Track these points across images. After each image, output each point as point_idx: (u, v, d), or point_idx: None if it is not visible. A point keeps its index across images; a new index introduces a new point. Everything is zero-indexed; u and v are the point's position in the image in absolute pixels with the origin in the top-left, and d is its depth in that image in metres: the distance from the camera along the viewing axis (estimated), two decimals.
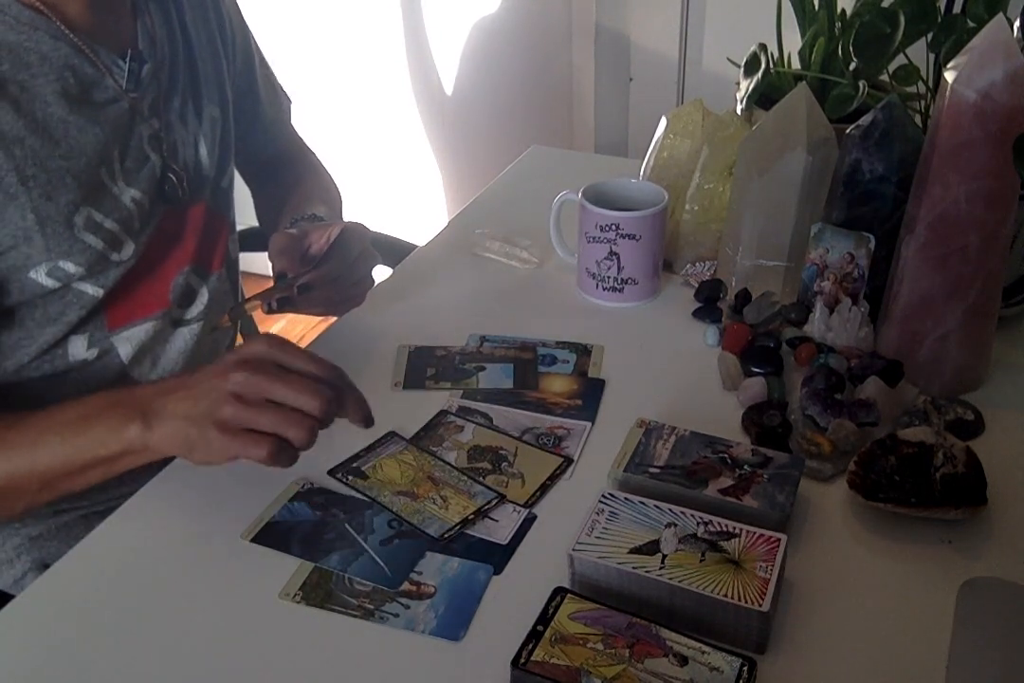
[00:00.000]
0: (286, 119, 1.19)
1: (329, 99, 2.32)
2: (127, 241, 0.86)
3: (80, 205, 0.81)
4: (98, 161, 0.82)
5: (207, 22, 0.97)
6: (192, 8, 0.96)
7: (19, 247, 0.79)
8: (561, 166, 1.37)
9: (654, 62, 2.11)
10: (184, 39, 0.94)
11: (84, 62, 0.81)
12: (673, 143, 1.04)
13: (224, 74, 0.99)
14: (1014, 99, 0.71)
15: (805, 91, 0.90)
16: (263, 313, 0.85)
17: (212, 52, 0.98)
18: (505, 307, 1.01)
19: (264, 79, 1.11)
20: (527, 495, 0.76)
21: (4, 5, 0.76)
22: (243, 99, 1.08)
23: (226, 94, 1.00)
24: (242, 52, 1.05)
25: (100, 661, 0.64)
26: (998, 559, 0.69)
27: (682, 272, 1.03)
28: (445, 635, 0.64)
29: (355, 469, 0.78)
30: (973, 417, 0.81)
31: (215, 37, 0.98)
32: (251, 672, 0.63)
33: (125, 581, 0.70)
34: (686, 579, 0.62)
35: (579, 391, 0.88)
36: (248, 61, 1.07)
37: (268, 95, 1.12)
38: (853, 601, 0.66)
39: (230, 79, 1.02)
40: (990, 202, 0.75)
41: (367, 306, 1.02)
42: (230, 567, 0.71)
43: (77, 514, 0.96)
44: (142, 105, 0.87)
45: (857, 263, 0.87)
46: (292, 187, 1.12)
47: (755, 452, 0.74)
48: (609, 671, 0.57)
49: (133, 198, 0.86)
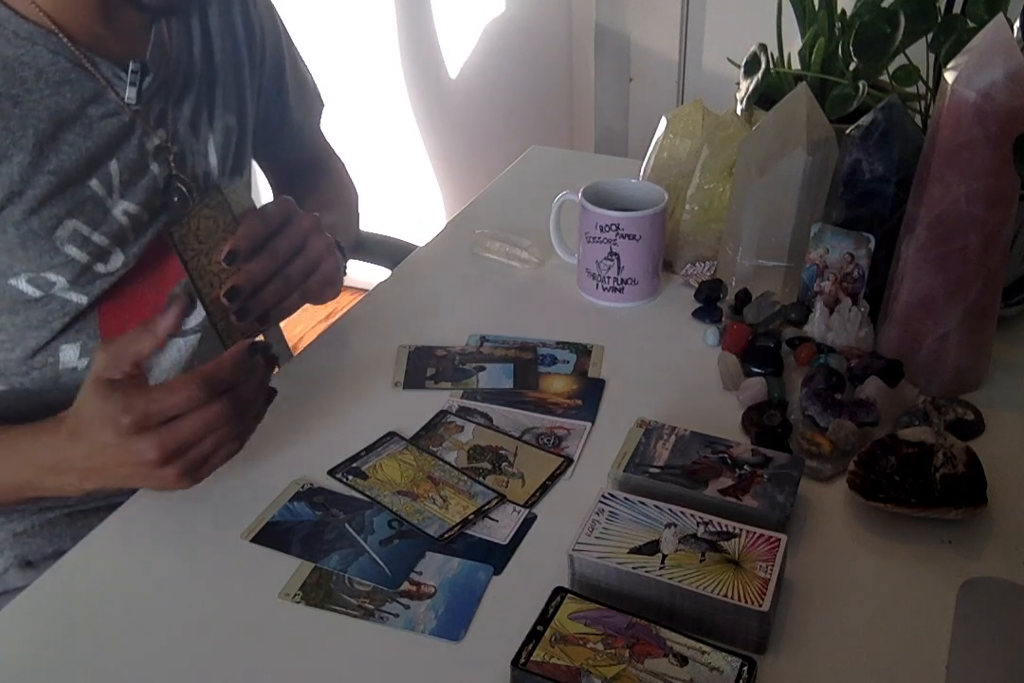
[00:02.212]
0: (315, 124, 1.18)
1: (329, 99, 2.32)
2: (116, 253, 0.86)
3: (65, 218, 0.81)
4: (88, 175, 0.82)
5: (233, 28, 0.96)
6: (219, 14, 0.94)
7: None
8: (561, 166, 1.37)
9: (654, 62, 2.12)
10: (204, 46, 0.93)
11: (83, 76, 0.80)
12: (673, 143, 1.04)
13: (245, 82, 0.98)
14: (1014, 99, 0.71)
15: (805, 91, 0.90)
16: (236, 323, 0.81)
17: (235, 59, 0.96)
18: (505, 307, 1.01)
19: (295, 83, 1.09)
20: (527, 495, 0.76)
21: (3, 19, 0.76)
22: (271, 103, 1.06)
23: (245, 102, 0.98)
24: (272, 56, 1.04)
25: (100, 661, 0.64)
26: (998, 559, 0.69)
27: (682, 272, 1.03)
28: (445, 635, 0.64)
29: (355, 469, 0.78)
30: (973, 417, 0.81)
31: (240, 44, 0.97)
32: (251, 672, 0.63)
33: (125, 581, 0.70)
34: (686, 579, 0.62)
35: (579, 391, 0.88)
36: (278, 65, 1.06)
37: (298, 100, 1.10)
38: (853, 601, 0.66)
39: (255, 85, 1.01)
40: (990, 202, 0.75)
41: (367, 306, 1.02)
42: (230, 567, 0.71)
43: (61, 512, 0.95)
44: (147, 116, 0.86)
45: (857, 263, 0.87)
46: (308, 195, 1.11)
47: (755, 452, 0.74)
48: (609, 671, 0.57)
49: (126, 211, 0.85)
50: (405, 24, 2.24)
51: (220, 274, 0.77)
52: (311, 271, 0.84)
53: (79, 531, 0.93)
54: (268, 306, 0.81)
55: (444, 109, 2.34)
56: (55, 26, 0.78)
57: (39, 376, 0.88)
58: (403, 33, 2.25)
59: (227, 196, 0.77)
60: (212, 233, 0.76)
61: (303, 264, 0.83)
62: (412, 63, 2.29)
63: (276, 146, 1.12)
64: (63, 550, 0.75)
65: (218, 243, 0.76)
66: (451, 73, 2.27)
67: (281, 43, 1.06)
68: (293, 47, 1.09)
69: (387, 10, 2.22)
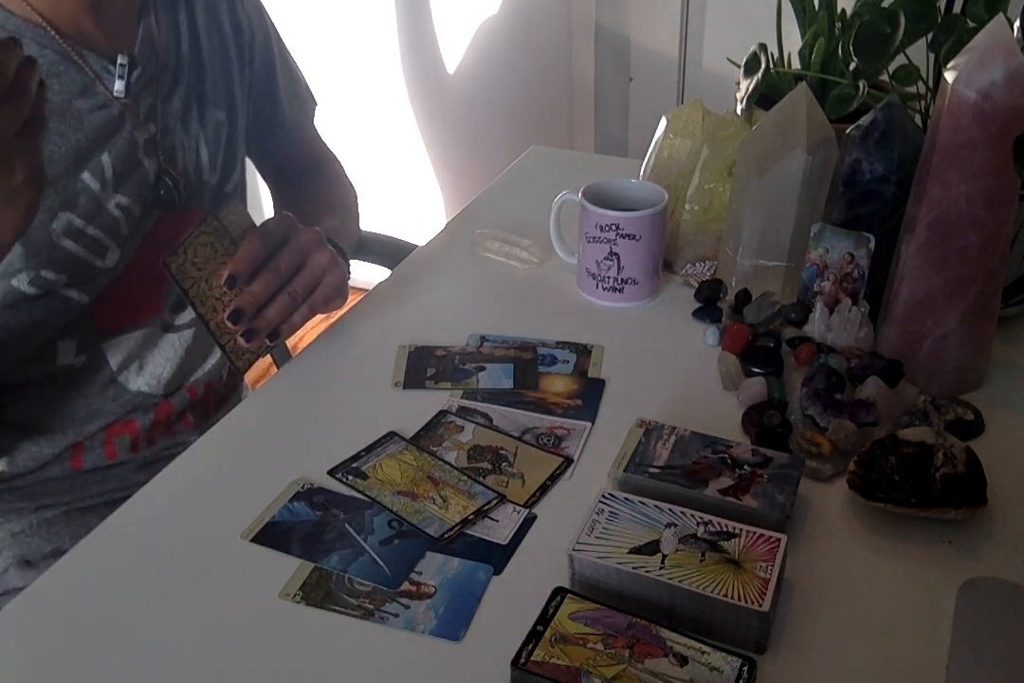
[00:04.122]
0: (308, 122, 1.18)
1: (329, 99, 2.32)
2: (112, 247, 0.86)
3: (59, 211, 0.81)
4: (79, 167, 0.82)
5: (221, 25, 0.96)
6: (206, 11, 0.95)
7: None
8: (561, 166, 1.37)
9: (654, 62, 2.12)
10: (192, 42, 0.93)
11: (71, 69, 0.81)
12: (673, 143, 1.04)
13: (234, 78, 0.99)
14: (1014, 99, 0.71)
15: (805, 91, 0.90)
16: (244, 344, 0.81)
17: (223, 56, 0.97)
18: (505, 307, 1.01)
19: (286, 82, 1.10)
20: (527, 495, 0.76)
21: None
22: (262, 101, 1.07)
23: (234, 98, 0.99)
24: (261, 54, 1.04)
25: (99, 661, 0.64)
26: (998, 559, 0.69)
27: (682, 272, 1.03)
28: (445, 635, 0.64)
29: (355, 469, 0.78)
30: (973, 417, 0.81)
31: (228, 41, 0.97)
32: (251, 672, 0.63)
33: (125, 581, 0.70)
34: (686, 579, 0.62)
35: (579, 391, 0.88)
36: (268, 63, 1.06)
37: (289, 97, 1.11)
38: (853, 601, 0.66)
39: (244, 82, 1.01)
40: (990, 202, 0.75)
41: (367, 306, 1.02)
42: (230, 567, 0.71)
43: (59, 510, 0.96)
44: (136, 110, 0.86)
45: (857, 263, 0.87)
46: (308, 198, 1.12)
47: (755, 452, 0.74)
48: (609, 671, 0.57)
49: (119, 204, 0.85)
50: (405, 24, 2.24)
51: (222, 298, 0.77)
52: (315, 285, 0.84)
53: (77, 530, 0.94)
54: (275, 323, 0.81)
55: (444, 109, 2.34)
56: (43, 20, 0.79)
57: (36, 372, 0.88)
58: (403, 33, 2.25)
59: (223, 220, 0.77)
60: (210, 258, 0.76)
61: (307, 279, 0.83)
62: (412, 63, 2.29)
63: (268, 143, 1.12)
64: (62, 549, 0.75)
65: (218, 267, 0.77)
66: (451, 73, 2.27)
67: (271, 42, 1.06)
68: (283, 46, 1.10)
69: (387, 10, 2.22)
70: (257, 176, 1.20)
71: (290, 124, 1.13)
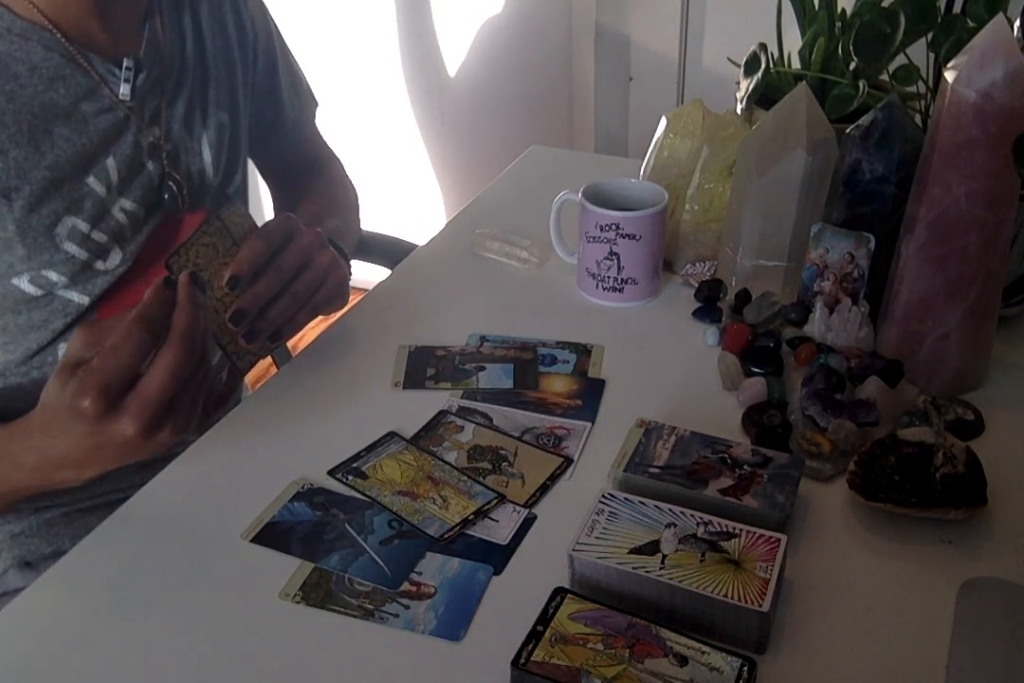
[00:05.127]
0: (309, 122, 1.18)
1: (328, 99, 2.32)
2: (114, 249, 0.86)
3: (63, 215, 0.81)
4: (85, 171, 0.82)
5: (225, 26, 0.96)
6: (211, 12, 0.95)
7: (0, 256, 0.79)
8: (561, 166, 1.37)
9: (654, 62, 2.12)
10: (197, 44, 0.93)
11: (77, 72, 0.81)
12: (673, 143, 1.04)
13: (238, 79, 0.99)
14: (1014, 99, 0.71)
15: (805, 91, 0.90)
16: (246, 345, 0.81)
17: (227, 57, 0.97)
18: (505, 307, 1.01)
19: (288, 82, 1.10)
20: (527, 495, 0.76)
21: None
22: (264, 101, 1.07)
23: (238, 100, 0.99)
24: (264, 54, 1.04)
25: (99, 661, 0.64)
26: (998, 559, 0.69)
27: (682, 272, 1.03)
28: (445, 635, 0.64)
29: (355, 469, 0.78)
30: (973, 417, 0.81)
31: (232, 42, 0.97)
32: (251, 672, 0.63)
33: (125, 581, 0.70)
34: (686, 579, 0.62)
35: (579, 391, 0.88)
36: (271, 64, 1.06)
37: (292, 97, 1.11)
38: (853, 601, 0.66)
39: (247, 83, 1.01)
40: (990, 202, 0.75)
41: (367, 306, 1.02)
42: (230, 567, 0.71)
43: (59, 511, 0.96)
44: (141, 113, 0.86)
45: (857, 263, 0.87)
46: (308, 199, 1.12)
47: (755, 452, 0.74)
48: (609, 671, 0.57)
49: (124, 208, 0.85)
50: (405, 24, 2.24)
51: (224, 299, 0.77)
52: (318, 286, 0.84)
53: (77, 530, 0.94)
54: (277, 324, 0.81)
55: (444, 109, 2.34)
56: (49, 23, 0.79)
57: (38, 375, 0.88)
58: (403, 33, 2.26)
59: (226, 221, 0.77)
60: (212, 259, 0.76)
61: (309, 280, 0.83)
62: (412, 63, 2.30)
63: (271, 144, 1.12)
64: (62, 550, 0.75)
65: (220, 268, 0.77)
66: (451, 73, 2.27)
67: (273, 42, 1.06)
68: (285, 47, 1.10)
69: (387, 10, 2.22)
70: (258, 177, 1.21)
71: (291, 124, 1.13)
